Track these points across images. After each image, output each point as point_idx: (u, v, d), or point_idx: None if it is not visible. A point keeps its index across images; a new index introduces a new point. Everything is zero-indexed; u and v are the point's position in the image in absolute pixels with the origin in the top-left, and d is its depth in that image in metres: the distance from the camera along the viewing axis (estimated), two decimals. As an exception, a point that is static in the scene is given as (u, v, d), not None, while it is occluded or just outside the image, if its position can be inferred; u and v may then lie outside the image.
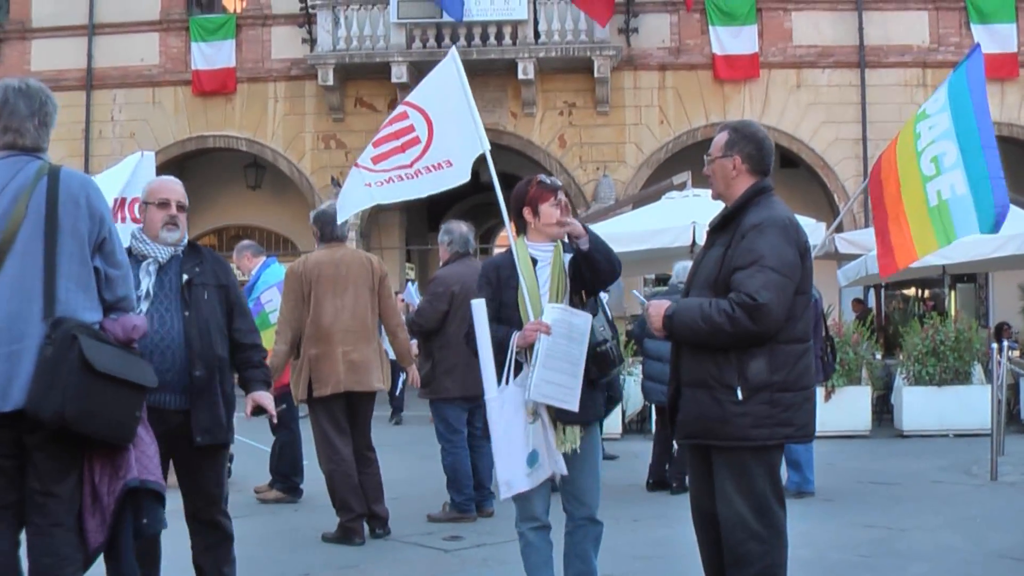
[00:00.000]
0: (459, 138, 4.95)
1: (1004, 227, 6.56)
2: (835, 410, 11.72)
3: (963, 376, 12.35)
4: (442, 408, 7.21)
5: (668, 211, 12.59)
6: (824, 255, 12.89)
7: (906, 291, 22.53)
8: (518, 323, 4.19)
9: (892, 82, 20.03)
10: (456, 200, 21.73)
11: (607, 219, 14.19)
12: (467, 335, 4.30)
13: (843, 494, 8.20)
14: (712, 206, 4.17)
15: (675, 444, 7.84)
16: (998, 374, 9.19)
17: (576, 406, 4.09)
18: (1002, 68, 19.09)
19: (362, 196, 5.48)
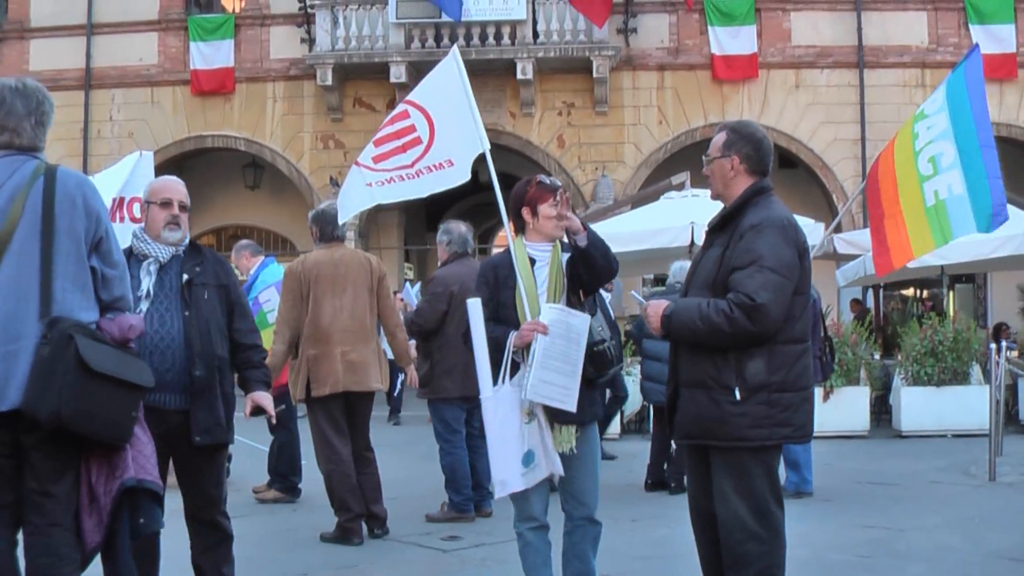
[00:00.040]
0: (460, 137, 4.95)
1: (1002, 227, 6.58)
2: (833, 410, 11.73)
3: (961, 376, 12.34)
4: (441, 408, 7.21)
5: (667, 211, 12.59)
6: (823, 255, 12.88)
7: (904, 291, 22.53)
8: (516, 323, 4.17)
9: (891, 82, 20.03)
10: (455, 200, 21.72)
11: (606, 219, 14.18)
12: (464, 334, 4.29)
13: (841, 494, 8.19)
14: (711, 206, 4.17)
15: (673, 444, 7.84)
16: (996, 374, 9.18)
17: (574, 406, 4.08)
18: (1001, 68, 19.11)
19: (363, 196, 5.48)
